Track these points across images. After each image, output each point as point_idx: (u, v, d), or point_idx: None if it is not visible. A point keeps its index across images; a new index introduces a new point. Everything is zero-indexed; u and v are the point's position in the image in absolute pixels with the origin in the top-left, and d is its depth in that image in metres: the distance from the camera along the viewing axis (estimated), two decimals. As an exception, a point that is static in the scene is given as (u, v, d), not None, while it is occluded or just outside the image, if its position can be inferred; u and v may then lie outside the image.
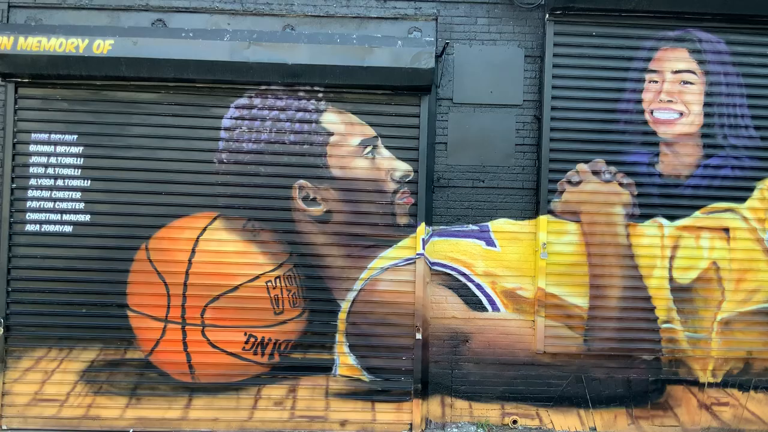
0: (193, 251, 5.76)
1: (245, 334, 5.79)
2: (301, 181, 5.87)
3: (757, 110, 5.92)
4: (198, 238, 5.77)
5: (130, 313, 5.77)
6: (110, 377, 5.76)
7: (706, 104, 5.90)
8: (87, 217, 5.80)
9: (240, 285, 5.77)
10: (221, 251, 5.77)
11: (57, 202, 5.79)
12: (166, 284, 5.76)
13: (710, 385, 5.91)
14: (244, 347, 5.79)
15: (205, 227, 5.79)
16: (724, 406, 5.91)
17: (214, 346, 5.79)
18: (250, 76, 5.67)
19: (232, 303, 5.78)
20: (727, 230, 5.90)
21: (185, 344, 5.77)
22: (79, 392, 5.74)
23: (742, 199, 5.91)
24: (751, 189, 5.92)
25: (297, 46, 5.65)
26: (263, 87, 5.81)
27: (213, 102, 5.84)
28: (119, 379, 5.76)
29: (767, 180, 5.93)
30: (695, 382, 5.90)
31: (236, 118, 5.84)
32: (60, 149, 5.79)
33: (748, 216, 5.91)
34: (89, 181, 5.82)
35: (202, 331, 5.78)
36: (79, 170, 5.81)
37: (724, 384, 5.92)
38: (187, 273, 5.77)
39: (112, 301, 5.77)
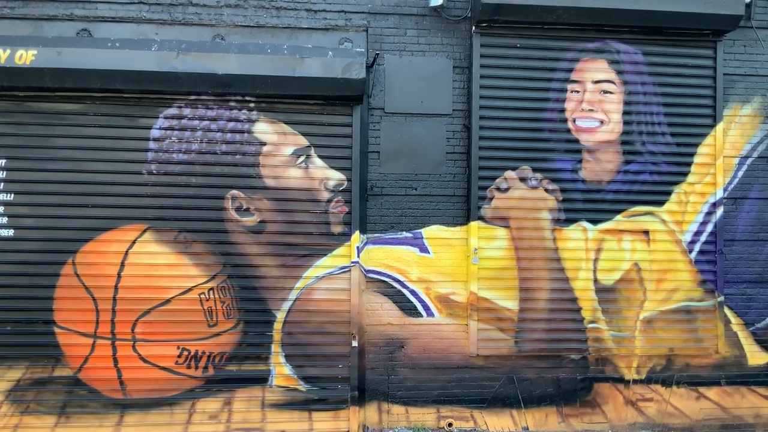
0: (123, 265, 5.82)
1: (178, 347, 5.87)
2: (234, 192, 6.01)
3: (672, 118, 6.40)
4: (127, 251, 5.84)
5: (57, 330, 5.78)
6: (38, 396, 5.75)
7: (624, 112, 6.35)
8: (10, 232, 5.79)
9: (172, 298, 5.86)
10: (152, 264, 5.85)
11: (-23, 217, 5.77)
12: (94, 299, 5.80)
13: (635, 381, 6.33)
14: (177, 361, 5.87)
15: (135, 240, 5.86)
16: (649, 402, 6.34)
17: (145, 361, 5.85)
18: (179, 86, 5.79)
19: (164, 316, 5.86)
20: (647, 233, 6.35)
21: (115, 360, 5.82)
22: (5, 412, 5.71)
23: (661, 203, 6.38)
24: (669, 193, 6.40)
25: (227, 56, 5.81)
26: (193, 97, 5.93)
27: (141, 112, 5.93)
28: (47, 398, 5.76)
29: (684, 184, 6.41)
30: (621, 380, 6.31)
31: (166, 129, 5.95)
32: (-20, 162, 5.78)
33: (667, 219, 6.38)
34: (12, 195, 5.81)
35: (133, 346, 5.83)
36: (2, 183, 5.80)
37: (648, 380, 6.35)
38: (116, 287, 5.82)
39: (38, 317, 5.77)
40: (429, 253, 6.23)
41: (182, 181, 5.95)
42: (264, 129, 6.05)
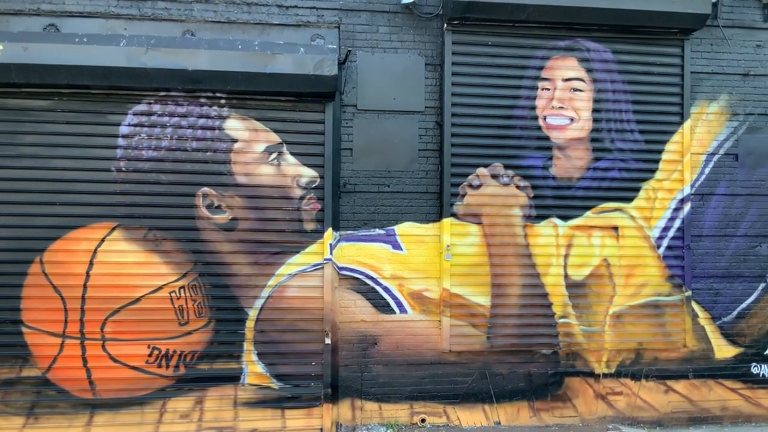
0: (91, 263, 5.80)
1: (149, 346, 5.88)
2: (205, 189, 6.02)
3: (641, 115, 6.56)
4: (96, 249, 5.82)
5: (25, 330, 5.75)
6: (5, 397, 5.71)
7: (594, 110, 6.49)
8: (-25, 231, 5.75)
9: (142, 297, 5.86)
10: (121, 262, 5.84)
11: (-59, 215, 5.71)
12: (62, 298, 5.78)
13: (605, 375, 6.49)
14: (147, 360, 5.88)
15: (104, 238, 5.84)
16: (619, 396, 6.50)
17: (115, 361, 5.84)
18: (149, 82, 5.78)
19: (134, 315, 5.85)
20: (616, 229, 6.51)
21: (85, 360, 5.80)
22: (-30, 415, 5.68)
23: (629, 199, 6.54)
24: (638, 189, 6.56)
25: (197, 52, 5.81)
26: (163, 93, 5.93)
27: (110, 109, 5.91)
28: (15, 399, 5.72)
29: (652, 181, 6.57)
30: (591, 374, 6.46)
31: (135, 125, 5.94)
32: (-57, 159, 5.73)
33: (635, 215, 6.54)
34: (-23, 193, 5.77)
35: (103, 346, 5.82)
36: (-34, 181, 5.76)
37: (617, 374, 6.51)
38: (85, 286, 5.80)
39: (6, 317, 5.73)
40: (402, 249, 6.30)
41: (152, 178, 5.94)
42: (235, 126, 6.07)
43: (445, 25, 6.29)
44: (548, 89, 6.44)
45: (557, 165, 6.44)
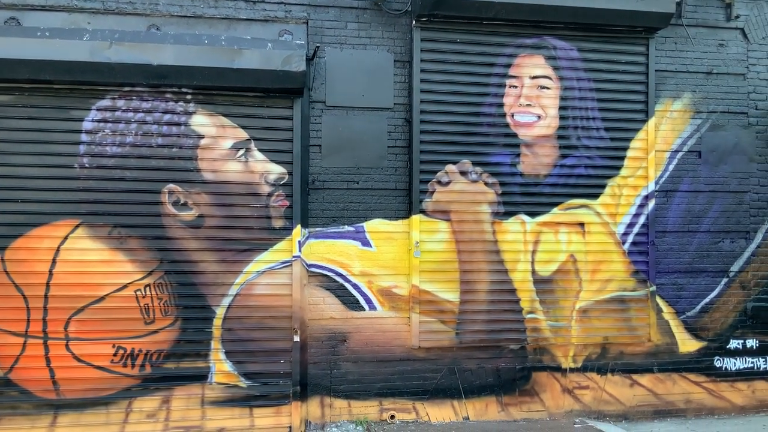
0: (54, 261, 5.78)
1: (113, 346, 5.87)
2: (171, 186, 6.03)
3: (606, 113, 6.74)
4: (59, 247, 5.79)
5: (-16, 330, 5.71)
6: (-36, 399, 5.67)
7: (561, 108, 6.65)
8: (-67, 228, 5.68)
9: (106, 295, 5.85)
10: (85, 260, 5.82)
11: None
12: (25, 297, 5.74)
13: (572, 370, 6.66)
14: (112, 360, 5.87)
15: (67, 236, 5.82)
16: (585, 390, 6.67)
17: (79, 360, 5.82)
18: (113, 77, 5.77)
19: (99, 314, 5.84)
20: (582, 225, 6.68)
21: (48, 359, 5.77)
22: (-72, 418, 5.61)
23: (595, 196, 6.72)
24: (603, 186, 6.74)
25: (162, 46, 5.82)
26: (127, 88, 5.92)
27: (73, 104, 5.88)
28: (-26, 401, 5.69)
29: (617, 178, 6.76)
30: (558, 368, 6.63)
31: (99, 121, 5.92)
32: None
33: (601, 211, 6.72)
34: (-65, 190, 5.70)
35: (66, 345, 5.80)
36: (-77, 178, 5.69)
37: (584, 369, 6.68)
38: (47, 285, 5.77)
39: (-36, 317, 5.69)
40: (371, 246, 6.39)
41: (116, 174, 5.93)
42: (202, 121, 6.08)
43: (414, 22, 6.38)
44: (516, 87, 6.58)
45: (525, 162, 6.59)
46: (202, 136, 6.08)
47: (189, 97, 6.05)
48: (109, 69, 5.71)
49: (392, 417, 6.32)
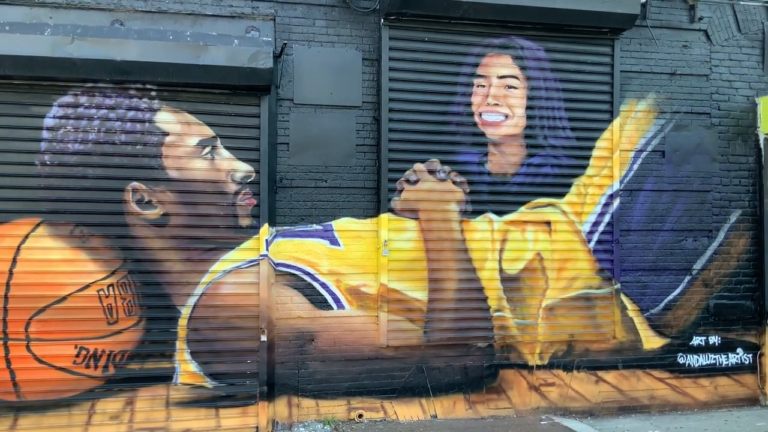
0: (14, 261, 5.74)
1: (76, 346, 5.85)
2: (135, 183, 6.03)
3: (573, 113, 6.92)
4: (19, 246, 5.75)
5: (-59, 331, 5.65)
6: None
7: (528, 107, 6.81)
8: None
9: (68, 295, 5.83)
10: (46, 260, 5.80)
11: None
12: (-17, 297, 5.71)
13: (538, 367, 6.83)
14: (75, 361, 5.85)
15: (28, 234, 5.78)
16: (551, 387, 6.85)
17: (41, 362, 5.79)
18: (75, 72, 5.75)
19: (61, 314, 5.81)
20: (548, 223, 6.85)
21: (8, 361, 5.73)
22: None
23: (561, 195, 6.89)
24: (569, 185, 6.92)
25: (126, 42, 5.81)
26: (90, 84, 5.90)
27: (33, 100, 5.84)
28: (-70, 405, 5.62)
29: (583, 177, 6.94)
30: (525, 366, 6.79)
31: (60, 117, 5.89)
32: None
33: (567, 210, 6.90)
34: None
35: (27, 346, 5.77)
36: None
37: (550, 366, 6.85)
38: (7, 285, 5.73)
39: None
40: (339, 245, 6.47)
41: (79, 172, 5.91)
42: (166, 118, 6.09)
43: (382, 20, 6.47)
44: (484, 86, 6.72)
45: (492, 161, 6.74)
46: (166, 134, 6.09)
47: (153, 93, 6.06)
48: (71, 64, 5.69)
49: (360, 416, 6.41)
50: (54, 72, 5.72)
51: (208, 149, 6.17)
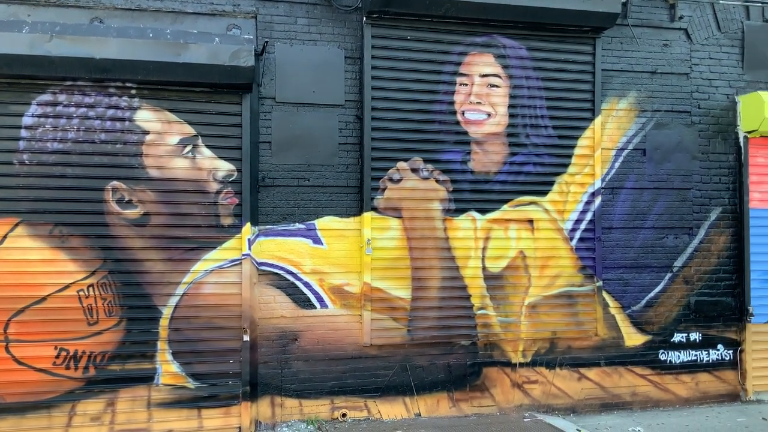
0: (-8, 261, 5.73)
1: (56, 347, 5.84)
2: (115, 183, 6.02)
3: (555, 111, 7.01)
4: (-3, 246, 5.75)
5: None
6: None
7: (510, 106, 6.89)
8: None
9: (48, 296, 5.81)
10: (25, 260, 5.78)
11: None
12: (-40, 299, 5.68)
13: (521, 365, 6.91)
14: (54, 362, 5.83)
15: (6, 234, 5.76)
16: (534, 384, 6.94)
17: (20, 363, 5.77)
18: (54, 71, 5.73)
19: (40, 315, 5.80)
20: (531, 221, 6.94)
21: (-14, 363, 5.73)
22: None
23: (544, 193, 6.99)
24: (552, 183, 7.01)
25: (106, 39, 5.81)
26: (69, 83, 5.89)
27: (12, 98, 5.81)
28: None
29: (565, 175, 7.04)
30: (508, 363, 6.88)
31: (39, 116, 5.87)
32: None
33: (549, 208, 7.00)
34: None
35: (6, 348, 5.74)
36: None
37: (533, 363, 6.95)
38: (-15, 285, 5.72)
39: None
40: (322, 244, 6.50)
41: (58, 171, 5.89)
42: (147, 117, 6.09)
43: (365, 18, 6.52)
44: (466, 84, 6.79)
45: (475, 159, 6.81)
46: (147, 132, 6.09)
47: (133, 91, 6.05)
48: (50, 63, 5.67)
49: (344, 415, 6.45)
50: (32, 70, 5.69)
51: (189, 148, 6.18)
